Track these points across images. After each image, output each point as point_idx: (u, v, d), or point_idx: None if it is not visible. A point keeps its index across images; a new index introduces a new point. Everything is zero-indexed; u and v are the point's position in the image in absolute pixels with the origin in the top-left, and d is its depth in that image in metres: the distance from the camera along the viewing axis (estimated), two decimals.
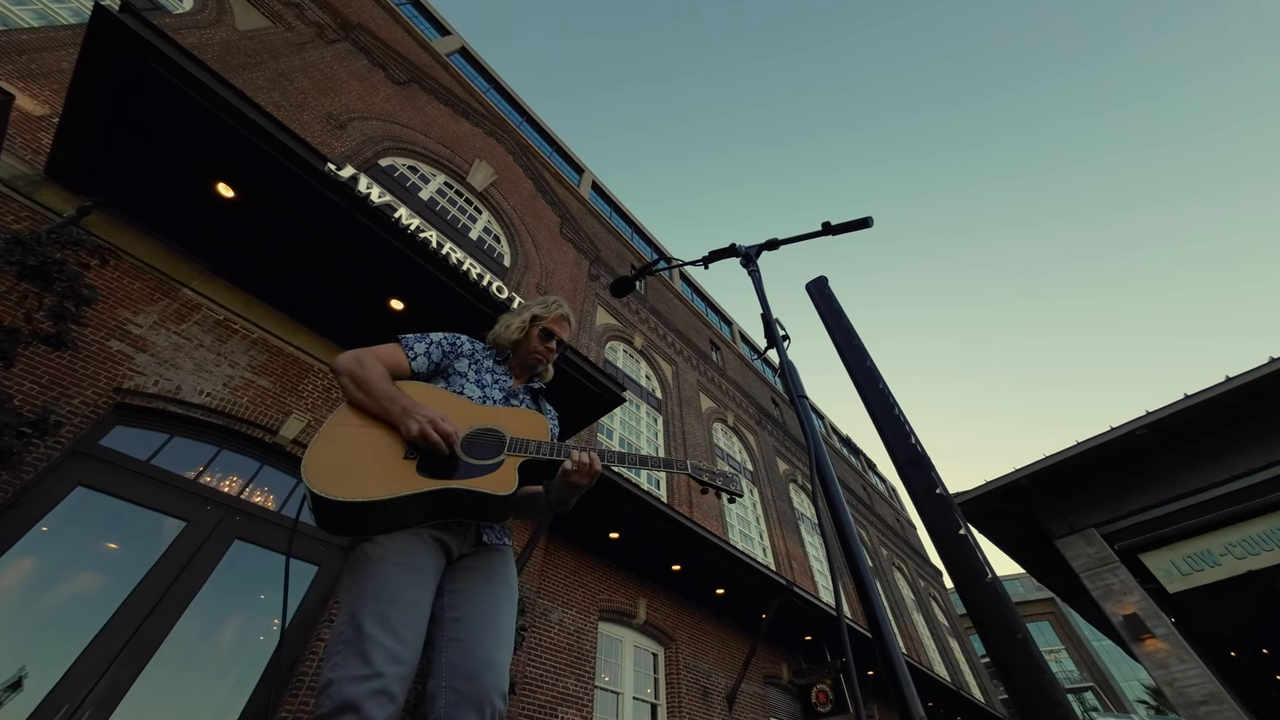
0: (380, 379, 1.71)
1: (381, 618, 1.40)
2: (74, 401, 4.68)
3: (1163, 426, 7.35)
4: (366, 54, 11.22)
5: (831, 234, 1.93)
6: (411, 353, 1.90)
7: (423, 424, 1.61)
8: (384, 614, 1.41)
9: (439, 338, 1.99)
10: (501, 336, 2.13)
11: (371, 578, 1.47)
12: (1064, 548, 8.05)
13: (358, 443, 1.61)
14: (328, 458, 1.55)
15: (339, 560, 5.71)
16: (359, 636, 1.36)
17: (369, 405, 1.67)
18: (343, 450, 1.59)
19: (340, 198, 5.44)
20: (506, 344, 2.12)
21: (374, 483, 1.53)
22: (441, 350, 1.97)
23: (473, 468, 1.66)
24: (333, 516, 1.51)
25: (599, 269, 15.35)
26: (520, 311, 2.18)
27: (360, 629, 1.37)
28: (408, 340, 1.92)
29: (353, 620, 1.40)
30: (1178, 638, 6.72)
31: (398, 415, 1.64)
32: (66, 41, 6.40)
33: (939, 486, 1.23)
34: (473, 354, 2.04)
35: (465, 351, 2.02)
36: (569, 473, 1.75)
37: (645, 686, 8.68)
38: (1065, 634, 39.77)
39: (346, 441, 1.61)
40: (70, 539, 4.40)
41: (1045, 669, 0.91)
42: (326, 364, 6.61)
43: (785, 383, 1.56)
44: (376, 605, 1.42)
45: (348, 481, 1.51)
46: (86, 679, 3.95)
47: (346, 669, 1.31)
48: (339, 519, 1.52)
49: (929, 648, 20.10)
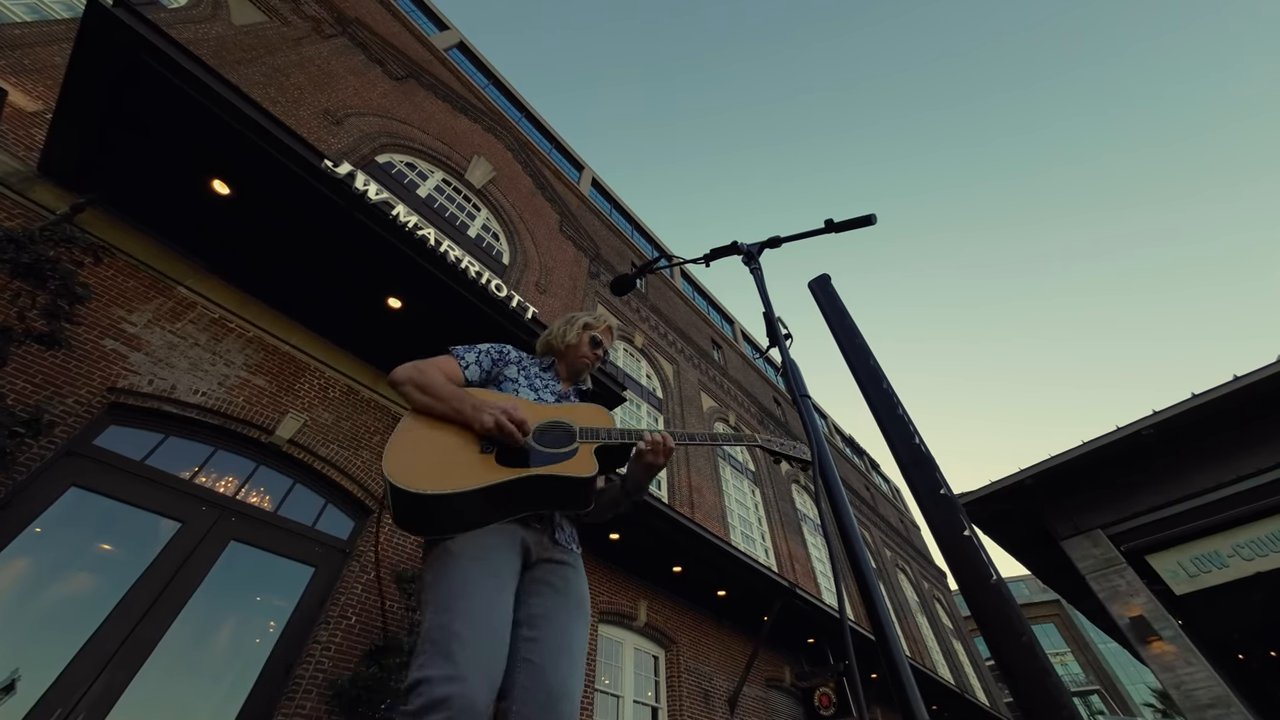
0: (444, 382, 1.76)
1: (467, 616, 1.41)
2: (68, 401, 4.68)
3: (1169, 426, 7.35)
4: (364, 49, 11.21)
5: (834, 231, 1.93)
6: (463, 361, 1.95)
7: (496, 415, 1.64)
8: (469, 612, 1.42)
9: (486, 347, 2.05)
10: (558, 340, 2.21)
11: (455, 577, 1.48)
12: (1069, 549, 8.05)
13: (432, 442, 1.64)
14: (407, 456, 1.57)
15: (336, 562, 5.72)
16: (445, 636, 1.37)
17: (436, 408, 1.70)
18: (420, 449, 1.61)
19: (337, 195, 5.44)
20: (561, 347, 2.20)
21: (457, 475, 1.55)
22: (491, 359, 2.02)
23: (550, 456, 1.69)
24: (416, 511, 1.52)
25: (599, 267, 15.35)
26: (573, 321, 2.28)
27: (446, 628, 1.38)
28: (458, 350, 1.97)
29: (438, 619, 1.40)
30: (1185, 640, 6.72)
31: (469, 413, 1.67)
32: (60, 36, 6.40)
33: (944, 487, 1.23)
34: (520, 361, 2.10)
35: (513, 359, 2.08)
36: (644, 453, 1.80)
37: (646, 690, 8.68)
38: (1071, 636, 39.76)
39: (422, 442, 1.63)
40: (64, 540, 4.41)
41: (1050, 672, 0.91)
42: (324, 363, 6.62)
43: (788, 382, 1.56)
44: (462, 604, 1.43)
45: (431, 475, 1.53)
46: (80, 682, 3.95)
47: (434, 668, 1.31)
48: (422, 514, 1.53)
49: (933, 650, 20.10)
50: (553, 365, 2.20)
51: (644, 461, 1.81)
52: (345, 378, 6.78)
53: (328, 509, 6.03)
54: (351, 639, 5.32)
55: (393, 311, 6.41)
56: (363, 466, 6.34)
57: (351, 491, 6.17)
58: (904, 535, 26.81)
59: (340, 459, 6.19)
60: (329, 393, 6.55)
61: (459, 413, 1.68)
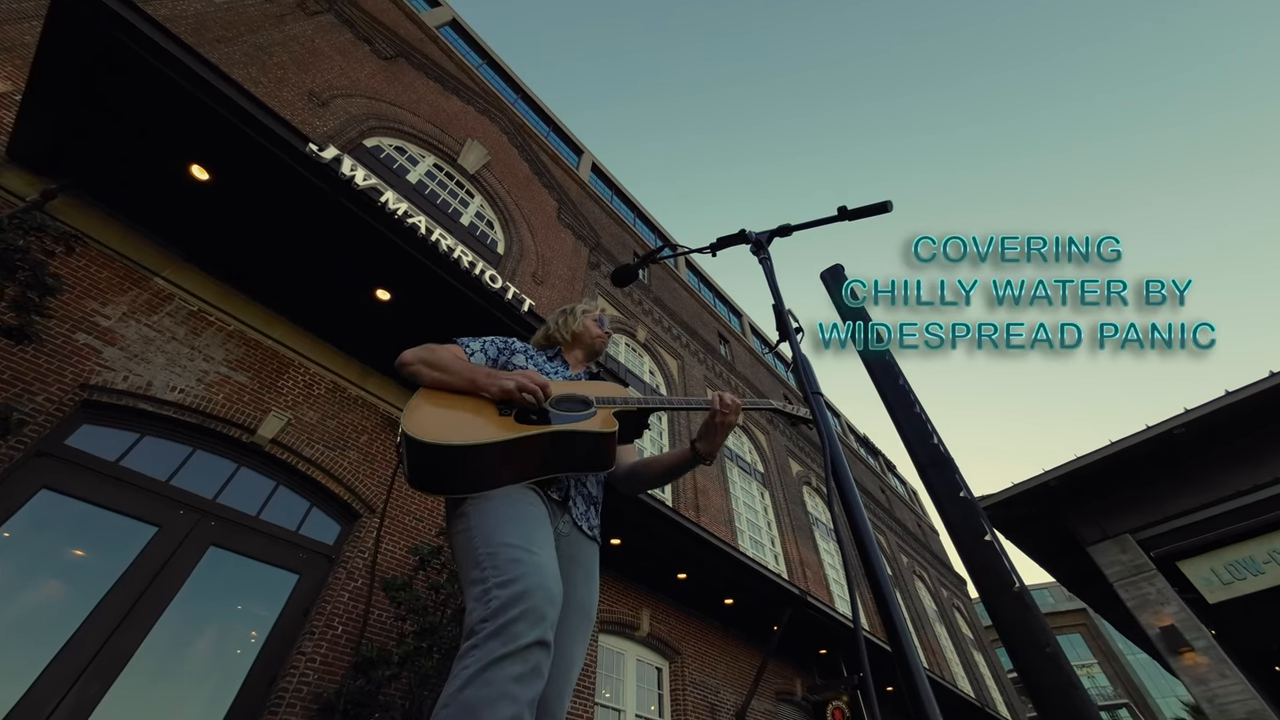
0: (455, 359, 1.80)
1: (526, 536, 1.44)
2: (38, 399, 4.69)
3: (1202, 425, 7.32)
4: (351, 27, 11.19)
5: (848, 219, 1.92)
6: (469, 349, 1.97)
7: (515, 378, 1.67)
8: (522, 533, 1.45)
9: (491, 338, 2.10)
10: (561, 331, 2.28)
11: (501, 507, 1.52)
12: (1096, 555, 8.04)
13: (450, 406, 1.67)
14: (425, 416, 1.60)
15: (322, 569, 5.74)
16: (500, 550, 1.39)
17: (449, 381, 1.73)
18: (438, 412, 1.64)
19: (323, 181, 5.43)
20: (566, 337, 2.27)
21: (479, 431, 1.58)
22: (496, 348, 2.06)
23: (569, 417, 1.74)
24: (435, 466, 1.56)
25: (599, 257, 15.33)
26: (570, 311, 2.36)
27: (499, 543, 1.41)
28: (463, 340, 2.01)
29: (487, 547, 1.42)
30: (1218, 651, 6.72)
31: (483, 380, 1.70)
32: (30, 14, 6.38)
33: (963, 489, 1.23)
34: (526, 350, 2.14)
35: (519, 348, 2.12)
36: (716, 413, 1.86)
37: (649, 703, 8.70)
38: (1098, 647, 39.80)
39: (439, 406, 1.66)
40: (34, 545, 4.42)
41: (1076, 685, 0.91)
42: (308, 358, 6.63)
43: (799, 378, 1.56)
44: (515, 525, 1.47)
45: (451, 431, 1.56)
46: (51, 695, 3.96)
47: (501, 574, 1.33)
48: (442, 468, 1.57)
49: (952, 662, 20.13)
50: (558, 355, 2.24)
51: (716, 422, 1.87)
52: (331, 374, 6.79)
53: (312, 513, 6.05)
54: (338, 650, 5.33)
55: (381, 304, 6.41)
56: (349, 468, 6.35)
57: (338, 494, 6.18)
58: (921, 540, 26.82)
59: (326, 460, 6.20)
60: (314, 390, 6.55)
61: (473, 382, 1.70)
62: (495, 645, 1.21)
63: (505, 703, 1.15)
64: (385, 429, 6.99)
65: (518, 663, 1.20)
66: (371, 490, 6.39)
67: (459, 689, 1.16)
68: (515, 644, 1.21)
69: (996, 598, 1.03)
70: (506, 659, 1.19)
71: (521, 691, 1.18)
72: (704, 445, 1.91)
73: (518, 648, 1.21)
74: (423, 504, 6.77)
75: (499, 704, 1.14)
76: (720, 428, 1.88)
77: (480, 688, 1.14)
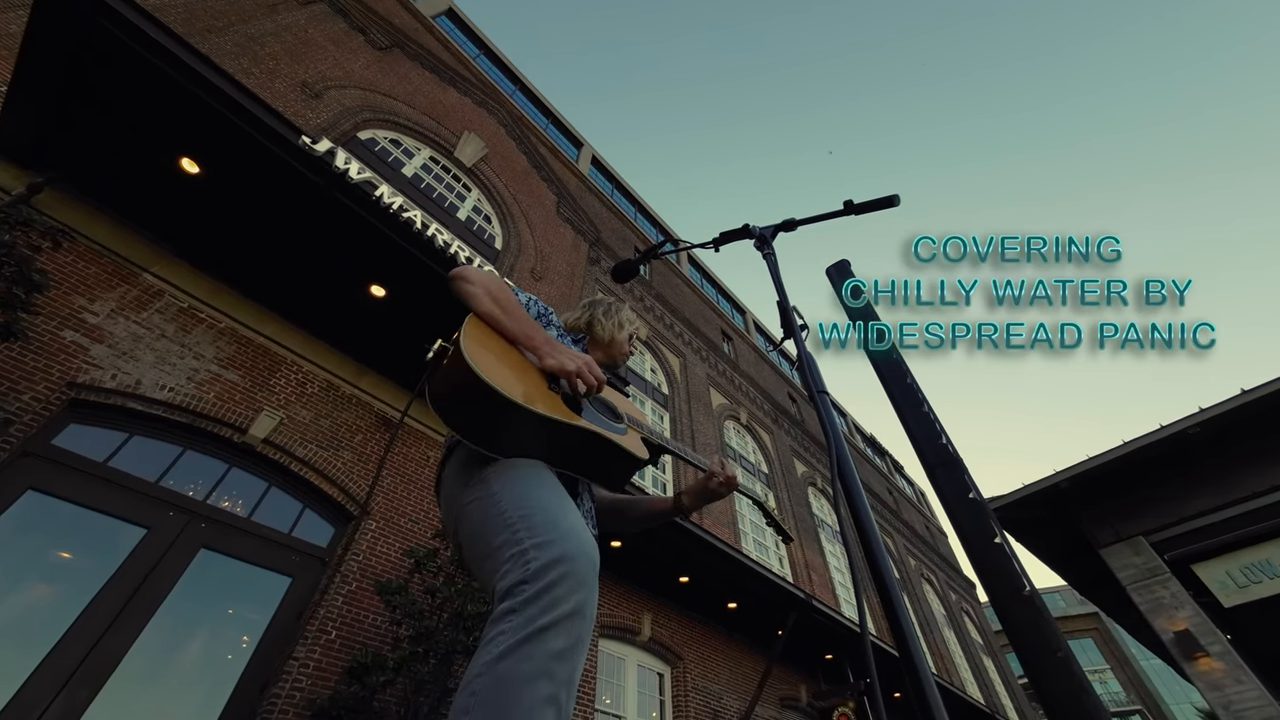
0: (518, 305, 1.70)
1: (560, 503, 1.40)
2: (24, 398, 4.69)
3: (1218, 425, 7.30)
4: (345, 16, 11.18)
5: (854, 213, 1.91)
6: (519, 296, 1.91)
7: (578, 361, 1.59)
8: (561, 500, 1.41)
9: (536, 297, 2.05)
10: (606, 329, 2.16)
11: (529, 474, 1.47)
12: (1109, 558, 8.03)
13: (503, 354, 1.56)
14: (490, 356, 1.50)
15: (315, 572, 5.74)
16: (534, 509, 1.34)
17: (507, 325, 1.62)
18: (500, 356, 1.54)
19: (316, 174, 5.42)
20: (605, 338, 2.15)
21: (536, 399, 1.50)
22: (537, 310, 1.97)
23: (607, 424, 1.68)
24: (484, 411, 1.45)
25: (599, 252, 15.33)
26: (616, 313, 2.23)
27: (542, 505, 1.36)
28: (513, 286, 1.99)
29: (519, 507, 1.36)
30: (1234, 656, 6.71)
31: (543, 345, 1.61)
32: (15, 3, 6.39)
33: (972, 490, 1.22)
34: (560, 327, 2.06)
35: (555, 322, 2.04)
36: (712, 476, 1.89)
37: (650, 710, 8.71)
38: (1110, 652, 39.80)
39: (499, 350, 1.56)
40: (20, 547, 4.43)
41: (1088, 690, 0.91)
42: (301, 356, 6.63)
43: (804, 376, 1.55)
44: (548, 492, 1.42)
45: (513, 384, 1.47)
46: (39, 700, 3.97)
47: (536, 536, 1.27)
48: (488, 417, 1.47)
49: (961, 667, 20.13)
50: (582, 346, 2.15)
51: (709, 486, 1.89)
52: (324, 372, 6.79)
53: (305, 514, 6.05)
54: (331, 655, 5.34)
55: (376, 300, 6.41)
56: (343, 468, 6.35)
57: (331, 495, 6.18)
58: (930, 542, 26.82)
59: (319, 460, 6.20)
60: (307, 388, 6.56)
61: (530, 338, 1.60)
62: (535, 611, 1.15)
63: (544, 681, 1.09)
64: (380, 429, 6.99)
65: (560, 636, 1.14)
66: (366, 492, 6.39)
67: (496, 658, 1.09)
68: (557, 611, 1.15)
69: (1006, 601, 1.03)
70: (548, 630, 1.13)
71: (560, 669, 1.13)
72: (689, 500, 1.95)
73: (560, 615, 1.15)
74: (417, 505, 6.78)
75: (538, 682, 1.08)
76: (709, 493, 1.91)
77: (519, 661, 1.08)
